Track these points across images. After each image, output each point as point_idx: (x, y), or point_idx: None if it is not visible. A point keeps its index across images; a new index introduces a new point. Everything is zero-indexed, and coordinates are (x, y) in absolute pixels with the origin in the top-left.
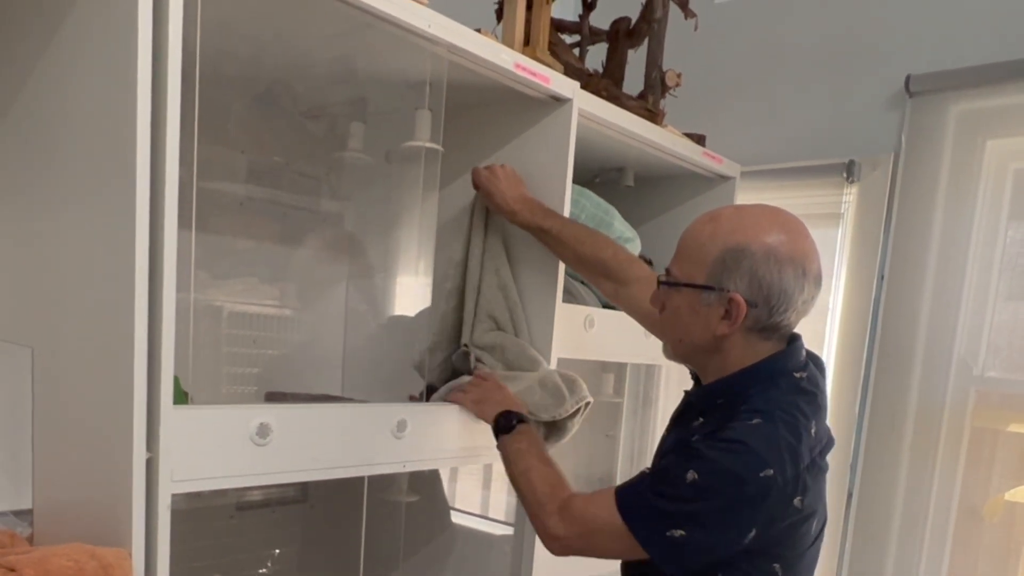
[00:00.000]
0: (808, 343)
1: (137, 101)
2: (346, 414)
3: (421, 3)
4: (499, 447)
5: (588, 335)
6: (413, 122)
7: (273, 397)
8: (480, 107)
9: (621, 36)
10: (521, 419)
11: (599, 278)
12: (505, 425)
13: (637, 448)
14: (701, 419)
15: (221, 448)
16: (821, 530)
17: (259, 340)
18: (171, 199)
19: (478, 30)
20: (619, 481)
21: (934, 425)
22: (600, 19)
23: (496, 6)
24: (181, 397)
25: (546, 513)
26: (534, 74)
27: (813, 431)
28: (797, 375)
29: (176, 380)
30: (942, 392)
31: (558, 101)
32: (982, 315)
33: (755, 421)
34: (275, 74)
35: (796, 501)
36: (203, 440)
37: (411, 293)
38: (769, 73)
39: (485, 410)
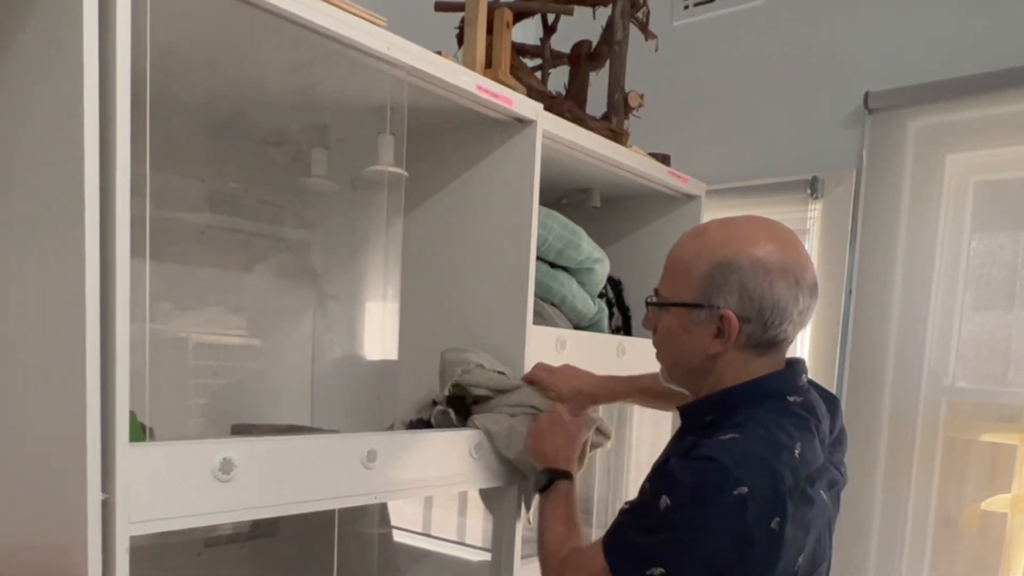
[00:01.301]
0: None
1: (84, 129)
2: (312, 446)
3: (379, 25)
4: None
5: (561, 357)
6: (376, 147)
7: (239, 430)
8: (444, 131)
9: (583, 59)
10: (560, 476)
11: (654, 400)
12: (545, 483)
13: (613, 472)
14: (689, 438)
15: (182, 486)
16: (814, 573)
17: (227, 370)
18: (123, 229)
19: (439, 52)
20: (594, 514)
21: (908, 436)
22: (561, 43)
23: (457, 30)
24: (138, 433)
25: (548, 567)
26: (496, 95)
27: (797, 452)
28: (790, 399)
29: (132, 415)
30: (914, 403)
31: (522, 123)
32: (950, 326)
33: (729, 436)
34: (234, 100)
35: (774, 523)
36: (162, 478)
37: (379, 320)
38: (731, 92)
39: (539, 450)
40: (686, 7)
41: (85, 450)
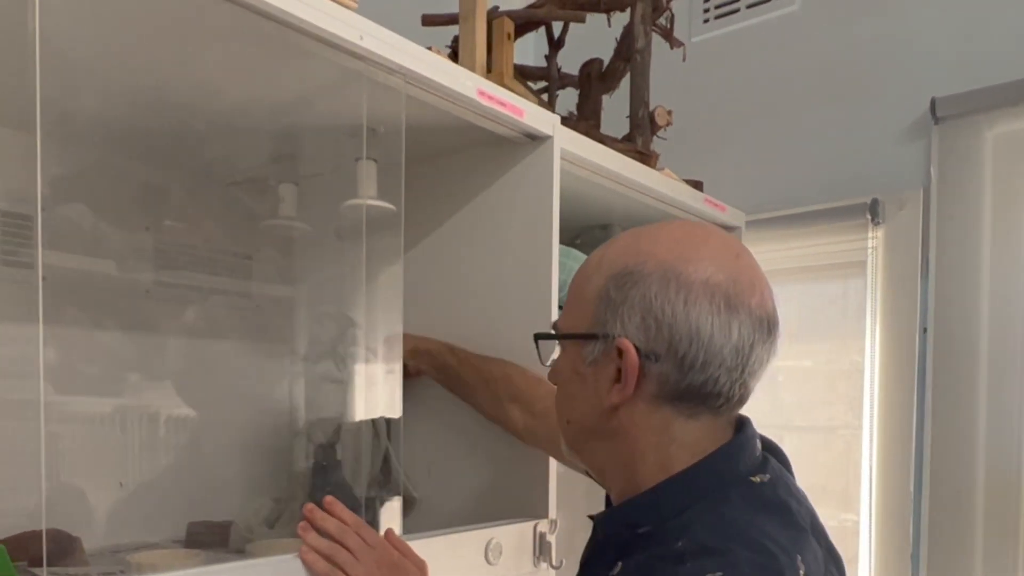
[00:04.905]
0: (843, 414)
1: None
2: None
3: (348, 7)
4: None
5: None
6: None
7: (196, 531)
8: (437, 155)
9: (593, 80)
10: None
11: (508, 405)
12: None
13: None
14: (620, 564)
15: None
16: None
17: (181, 447)
18: None
19: (429, 48)
20: None
21: (1011, 499)
22: (569, 64)
23: (449, 49)
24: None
25: None
26: (504, 104)
27: (804, 571)
28: (756, 479)
29: None
30: (1016, 458)
31: (535, 140)
32: None
33: None
34: (175, 125)
35: None
36: None
37: (374, 383)
38: (768, 110)
39: None
40: (706, 20)
41: None
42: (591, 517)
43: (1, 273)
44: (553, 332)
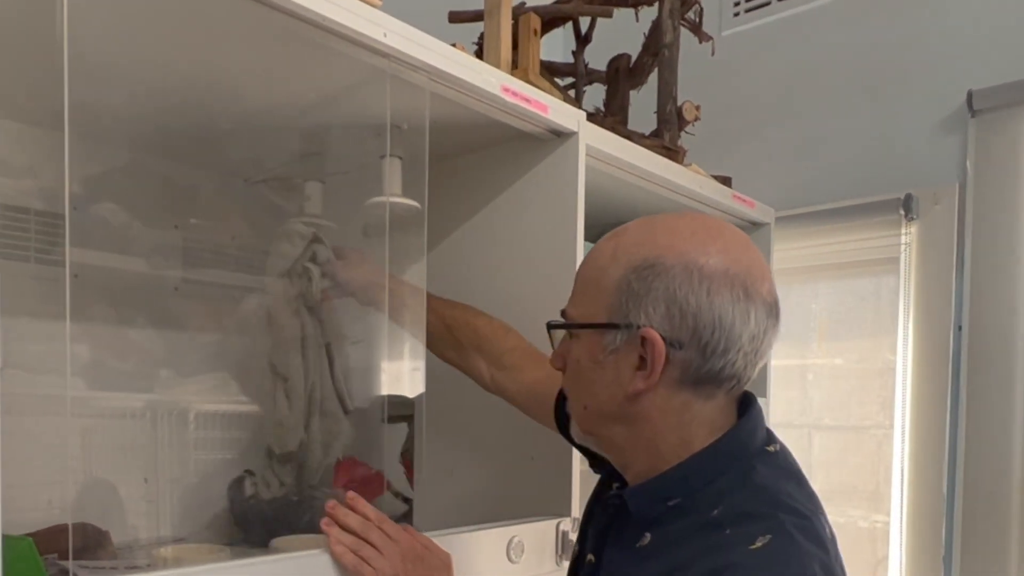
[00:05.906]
0: (874, 413)
1: None
2: None
3: (373, 4)
4: None
5: None
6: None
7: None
8: (461, 152)
9: (621, 75)
10: None
11: (473, 354)
12: None
13: None
14: (648, 536)
15: None
16: None
17: (223, 443)
18: None
19: (453, 44)
20: None
21: None
22: (595, 59)
23: (476, 46)
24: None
25: None
26: (529, 100)
27: (828, 529)
28: (771, 449)
29: (24, 545)
30: None
31: (560, 136)
32: None
33: (759, 543)
34: (201, 124)
35: None
36: None
37: (399, 377)
38: (801, 102)
39: None
40: (736, 14)
41: None
42: (617, 490)
43: (37, 271)
44: (566, 322)
